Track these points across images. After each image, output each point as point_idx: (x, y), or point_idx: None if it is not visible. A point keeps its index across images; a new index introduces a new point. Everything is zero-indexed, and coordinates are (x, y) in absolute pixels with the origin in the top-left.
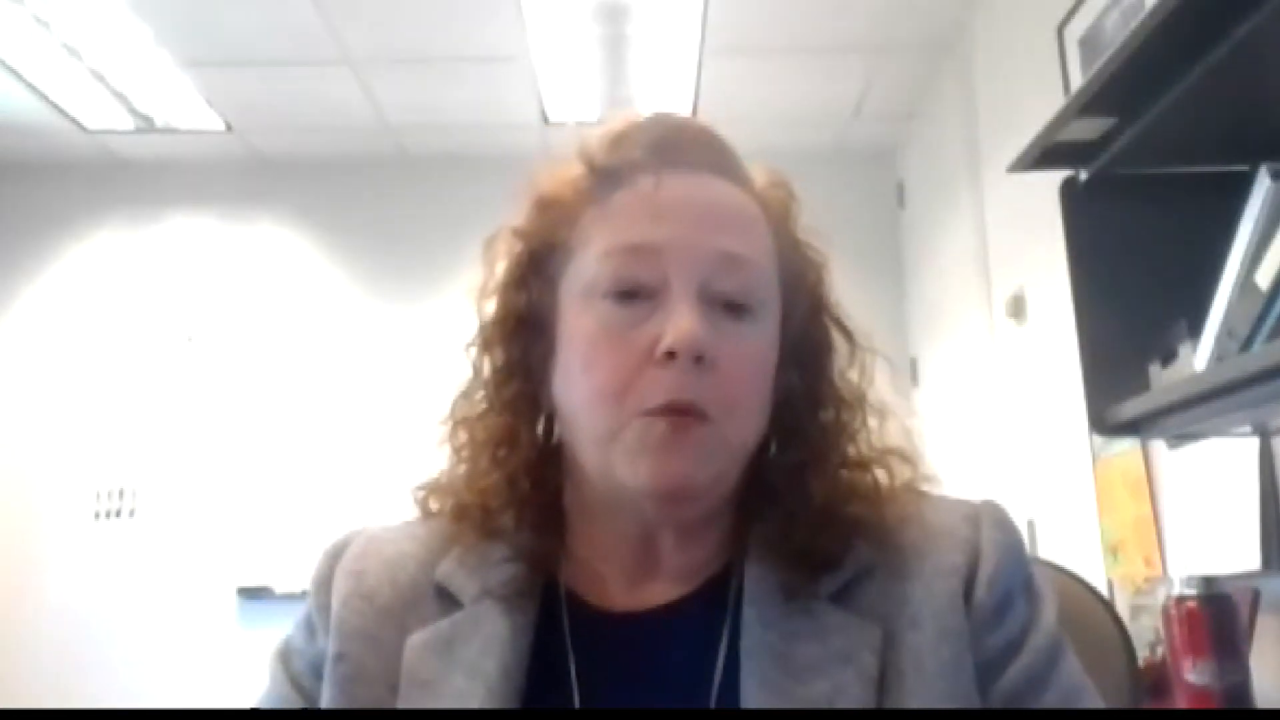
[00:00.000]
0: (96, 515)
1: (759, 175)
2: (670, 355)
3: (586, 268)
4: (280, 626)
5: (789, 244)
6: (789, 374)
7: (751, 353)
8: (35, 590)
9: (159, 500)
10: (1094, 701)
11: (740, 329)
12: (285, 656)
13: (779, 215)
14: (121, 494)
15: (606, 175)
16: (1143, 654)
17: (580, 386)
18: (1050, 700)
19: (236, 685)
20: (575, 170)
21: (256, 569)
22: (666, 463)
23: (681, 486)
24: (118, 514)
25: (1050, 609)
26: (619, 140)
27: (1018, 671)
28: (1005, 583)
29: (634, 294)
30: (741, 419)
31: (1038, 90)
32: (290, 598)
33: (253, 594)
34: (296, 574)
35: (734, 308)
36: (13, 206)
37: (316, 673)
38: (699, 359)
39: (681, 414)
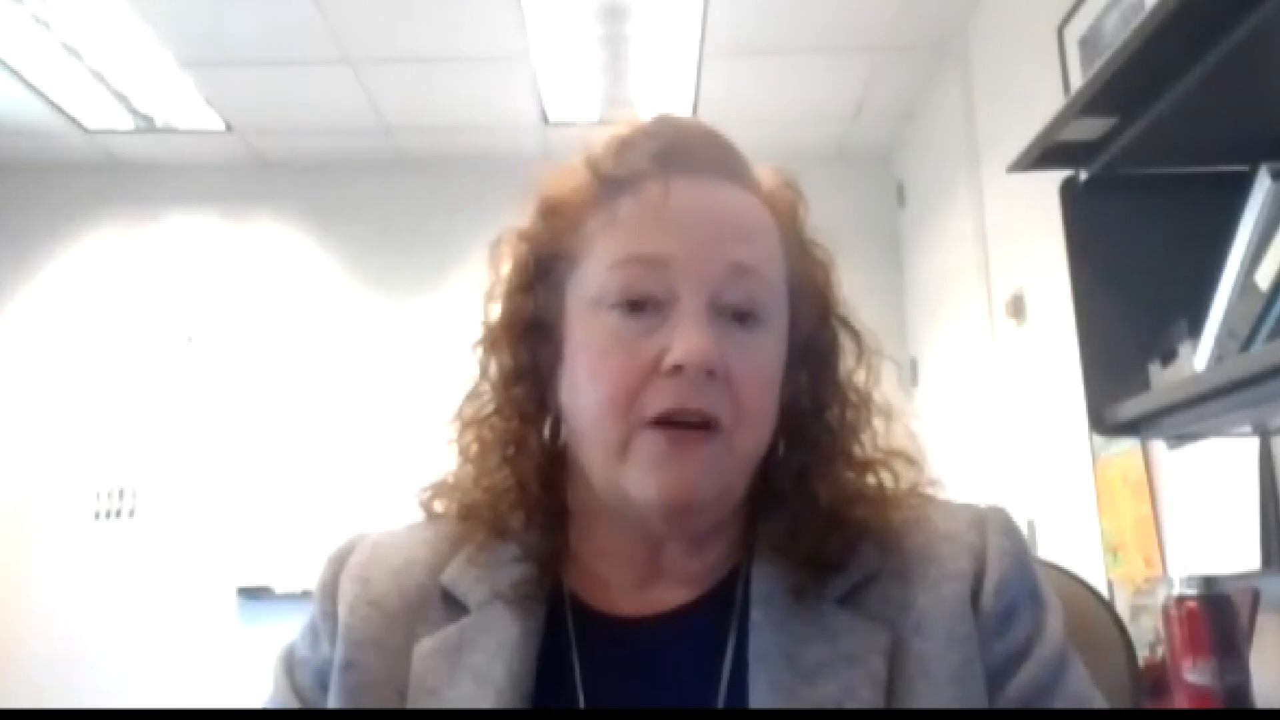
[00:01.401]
0: (96, 515)
1: (766, 177)
2: (678, 369)
3: (594, 277)
4: (280, 626)
5: (797, 246)
6: (797, 376)
7: (761, 363)
8: (35, 590)
9: (159, 500)
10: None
11: (749, 339)
12: (289, 666)
13: (787, 218)
14: (121, 494)
15: (613, 182)
16: (1143, 654)
17: (587, 396)
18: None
19: (237, 685)
20: (581, 176)
21: (256, 569)
22: (674, 477)
23: (690, 501)
24: (118, 514)
25: (1056, 617)
26: (625, 146)
27: (1024, 680)
28: (1011, 590)
29: (642, 305)
30: (751, 429)
31: (1038, 90)
32: (291, 598)
33: (253, 594)
34: (297, 574)
35: (743, 316)
36: (12, 206)
37: (321, 683)
38: (709, 373)
39: (689, 426)
